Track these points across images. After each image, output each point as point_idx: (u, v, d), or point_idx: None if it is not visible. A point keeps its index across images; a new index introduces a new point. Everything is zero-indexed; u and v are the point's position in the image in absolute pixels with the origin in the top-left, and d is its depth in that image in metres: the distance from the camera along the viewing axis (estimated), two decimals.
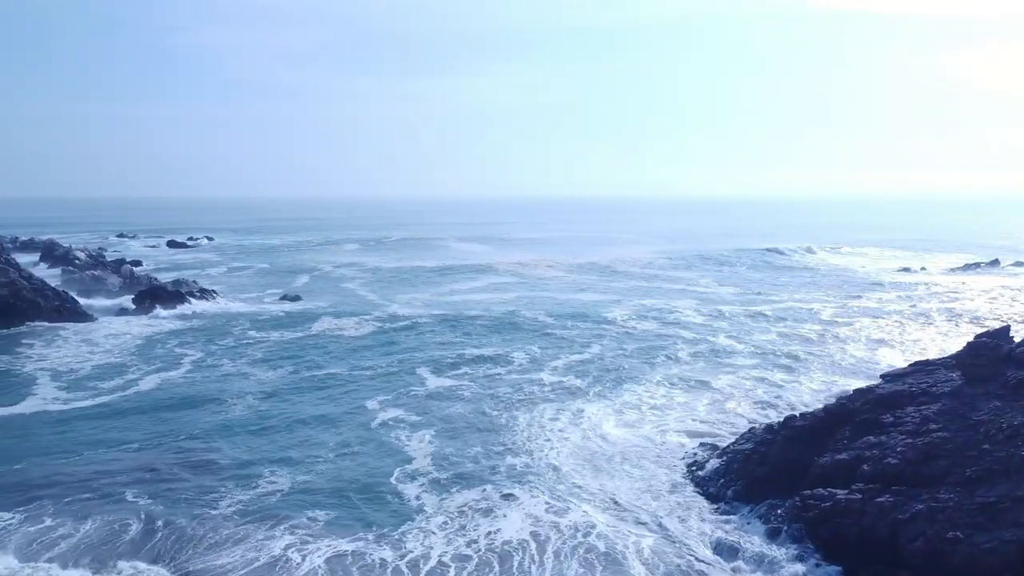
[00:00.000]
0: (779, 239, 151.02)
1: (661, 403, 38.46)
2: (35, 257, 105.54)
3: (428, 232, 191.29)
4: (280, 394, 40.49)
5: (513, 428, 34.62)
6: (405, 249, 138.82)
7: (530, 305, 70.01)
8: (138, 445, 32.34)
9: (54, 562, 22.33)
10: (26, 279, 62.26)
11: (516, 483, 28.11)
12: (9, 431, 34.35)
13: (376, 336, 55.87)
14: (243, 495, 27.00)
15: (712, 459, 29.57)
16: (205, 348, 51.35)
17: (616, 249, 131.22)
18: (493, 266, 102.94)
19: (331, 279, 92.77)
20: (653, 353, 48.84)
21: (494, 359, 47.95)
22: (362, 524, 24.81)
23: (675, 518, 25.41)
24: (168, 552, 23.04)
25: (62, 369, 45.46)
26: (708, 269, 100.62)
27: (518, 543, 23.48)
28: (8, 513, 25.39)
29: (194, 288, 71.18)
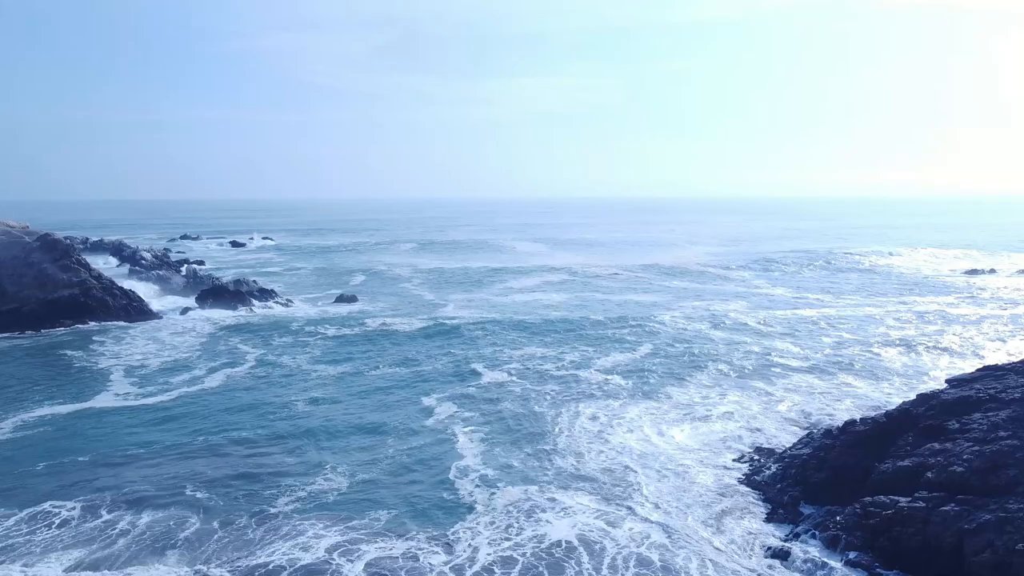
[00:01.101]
0: (836, 240, 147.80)
1: (713, 405, 37.96)
2: (105, 257, 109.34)
3: (485, 233, 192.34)
4: (340, 391, 41.41)
5: (563, 427, 34.66)
6: (461, 250, 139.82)
7: (582, 305, 69.99)
8: (203, 440, 33.33)
9: (106, 557, 22.89)
10: (96, 278, 64.64)
11: (566, 485, 28.12)
12: (80, 425, 35.73)
13: (431, 334, 56.48)
14: (302, 492, 27.52)
15: (769, 463, 29.12)
16: (266, 346, 52.64)
17: (670, 251, 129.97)
18: (547, 267, 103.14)
19: (387, 279, 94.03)
20: (705, 355, 48.27)
21: (546, 358, 48.15)
22: (414, 526, 25.00)
23: (731, 524, 25.08)
24: (217, 550, 23.28)
25: (133, 365, 47.16)
26: (763, 271, 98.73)
27: (567, 547, 23.36)
28: (70, 503, 26.37)
29: (254, 288, 72.91)
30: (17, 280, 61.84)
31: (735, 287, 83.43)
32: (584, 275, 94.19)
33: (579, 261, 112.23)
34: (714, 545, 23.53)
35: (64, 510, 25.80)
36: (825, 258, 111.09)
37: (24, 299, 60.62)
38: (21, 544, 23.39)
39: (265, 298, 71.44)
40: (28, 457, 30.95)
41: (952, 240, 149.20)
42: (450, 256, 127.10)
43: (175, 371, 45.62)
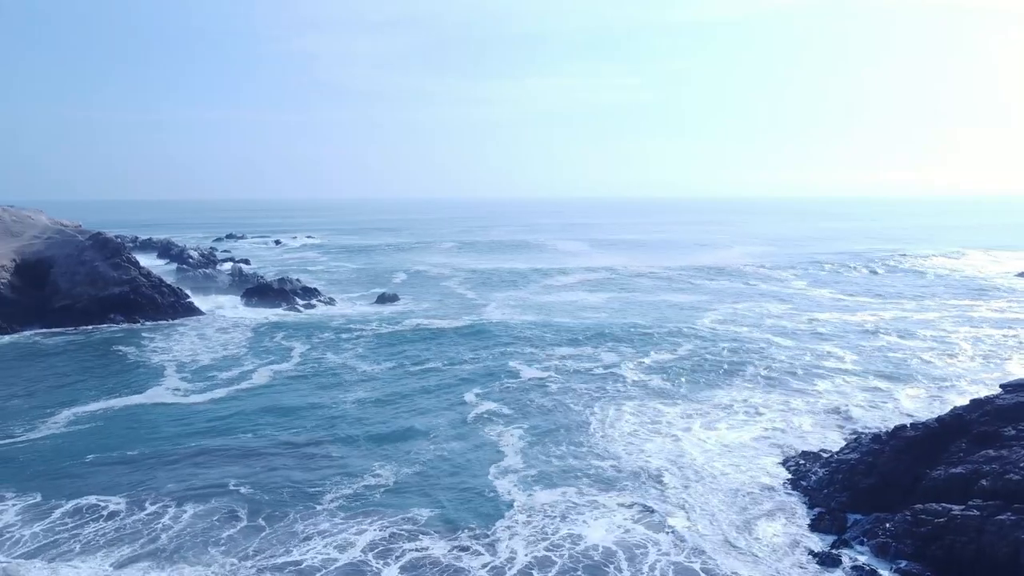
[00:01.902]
0: (879, 242, 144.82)
1: (755, 408, 37.48)
2: (153, 256, 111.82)
3: (520, 233, 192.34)
4: (383, 387, 41.92)
5: (601, 428, 34.59)
6: (499, 249, 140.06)
7: (622, 306, 69.63)
8: (251, 436, 33.96)
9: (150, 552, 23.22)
10: (145, 276, 66.15)
11: (603, 486, 28.01)
12: (131, 419, 36.63)
13: (471, 333, 56.68)
14: (347, 490, 27.81)
15: (814, 468, 28.62)
16: (310, 344, 53.36)
17: (709, 252, 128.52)
18: (586, 268, 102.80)
19: (427, 278, 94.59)
20: (746, 357, 47.66)
21: (584, 357, 48.06)
22: (453, 524, 25.08)
23: (775, 529, 24.70)
24: (257, 547, 23.47)
25: (183, 361, 48.24)
26: (805, 273, 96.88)
27: (605, 551, 23.18)
28: (115, 497, 26.95)
29: (297, 286, 73.93)
30: (70, 278, 63.58)
31: (777, 289, 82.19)
32: (624, 275, 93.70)
33: (619, 261, 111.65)
34: (757, 551, 23.18)
35: (111, 504, 26.38)
36: (869, 260, 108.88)
37: (77, 296, 62.30)
38: (66, 538, 23.92)
39: (308, 296, 72.38)
40: (79, 450, 31.81)
41: (1002, 242, 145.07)
42: (490, 256, 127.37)
43: (223, 367, 46.49)
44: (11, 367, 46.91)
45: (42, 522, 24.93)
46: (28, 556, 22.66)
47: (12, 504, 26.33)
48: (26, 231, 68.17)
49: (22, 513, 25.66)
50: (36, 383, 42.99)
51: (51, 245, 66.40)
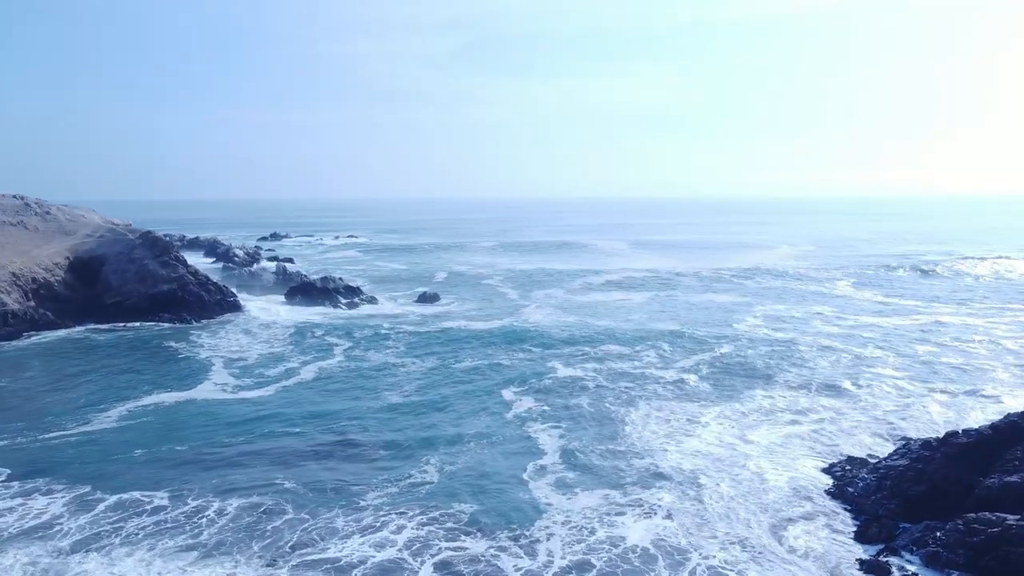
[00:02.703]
0: (924, 243, 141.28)
1: (798, 411, 36.75)
2: (200, 254, 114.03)
3: (559, 233, 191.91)
4: (424, 385, 42.20)
5: (639, 428, 34.31)
6: (538, 249, 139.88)
7: (661, 307, 69.05)
8: (297, 432, 34.37)
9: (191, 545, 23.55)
10: (192, 274, 67.47)
11: (642, 487, 27.71)
12: (181, 415, 37.33)
13: (511, 332, 56.70)
14: (390, 487, 27.96)
15: (861, 474, 27.95)
16: (353, 342, 53.87)
17: (750, 253, 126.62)
18: (625, 268, 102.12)
19: (468, 277, 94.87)
20: (789, 360, 46.80)
21: (624, 357, 47.75)
22: (492, 523, 25.01)
23: (820, 536, 24.13)
24: (298, 543, 23.56)
25: (230, 358, 49.12)
26: (848, 275, 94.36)
27: (643, 554, 22.87)
28: (160, 492, 27.36)
29: (340, 285, 74.72)
30: (121, 275, 65.15)
31: (819, 290, 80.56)
32: (663, 276, 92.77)
33: (657, 261, 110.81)
34: (800, 558, 22.64)
35: (156, 498, 26.79)
36: (914, 262, 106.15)
37: (127, 293, 63.83)
38: (108, 531, 24.33)
39: (351, 295, 73.11)
40: (128, 444, 32.49)
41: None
42: (530, 256, 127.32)
43: (268, 364, 47.22)
44: (65, 362, 48.21)
45: (88, 514, 25.46)
46: (72, 548, 23.14)
47: (61, 496, 26.96)
48: (79, 230, 70.05)
49: (69, 505, 26.26)
50: (89, 378, 44.10)
51: (103, 243, 68.12)
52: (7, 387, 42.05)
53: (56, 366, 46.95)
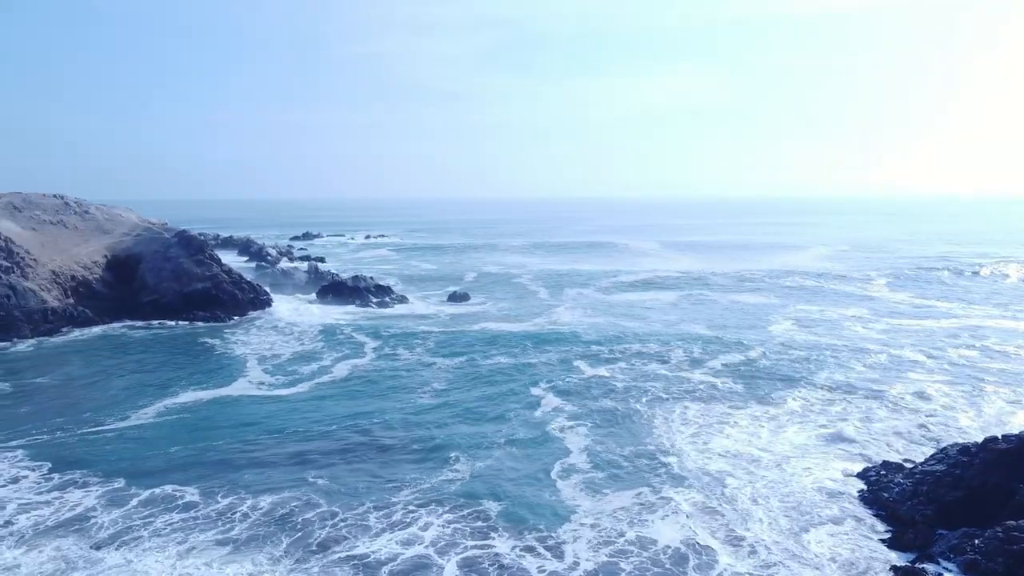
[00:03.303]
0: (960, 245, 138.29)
1: (831, 415, 36.09)
2: (234, 253, 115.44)
3: (590, 233, 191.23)
4: (454, 384, 42.40)
5: (667, 427, 34.12)
6: (569, 249, 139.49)
7: (692, 308, 68.48)
8: (331, 429, 34.65)
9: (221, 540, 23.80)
10: (226, 273, 68.35)
11: (671, 488, 27.47)
12: (217, 411, 37.83)
13: (541, 331, 56.69)
14: (422, 483, 28.12)
15: (896, 479, 27.40)
16: (383, 340, 54.17)
17: (783, 254, 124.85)
18: (656, 268, 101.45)
19: (498, 277, 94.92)
20: (821, 361, 46.07)
21: (652, 357, 47.43)
22: (519, 523, 24.94)
23: (854, 540, 23.69)
24: (327, 539, 23.72)
25: (264, 355, 49.72)
26: (883, 276, 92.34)
27: (674, 556, 22.62)
28: (192, 487, 27.69)
29: (371, 284, 75.17)
30: (157, 273, 66.20)
31: (852, 291, 79.25)
32: (695, 276, 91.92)
33: (690, 262, 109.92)
34: (833, 564, 22.21)
35: (187, 493, 27.11)
36: (950, 263, 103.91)
37: (163, 291, 64.85)
38: (139, 525, 24.66)
39: (382, 294, 73.52)
40: (165, 440, 32.96)
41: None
42: (561, 255, 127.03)
43: (301, 363, 47.67)
44: (104, 358, 49.11)
45: (120, 509, 25.85)
46: (104, 541, 23.51)
47: (95, 490, 27.42)
48: (117, 229, 71.32)
49: (102, 498, 26.69)
50: (127, 375, 44.88)
51: (139, 242, 69.29)
52: (48, 383, 42.92)
53: (95, 363, 47.83)
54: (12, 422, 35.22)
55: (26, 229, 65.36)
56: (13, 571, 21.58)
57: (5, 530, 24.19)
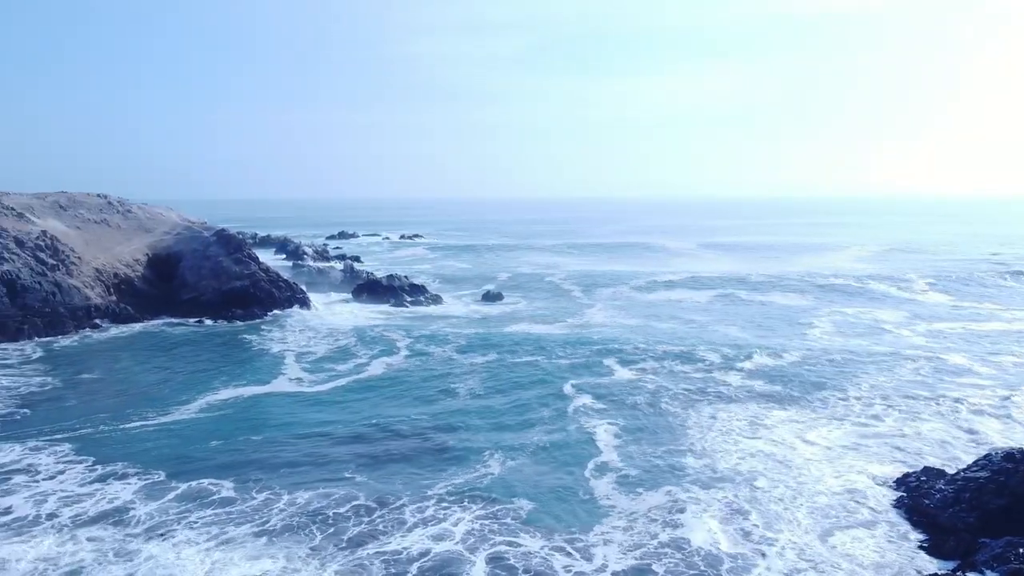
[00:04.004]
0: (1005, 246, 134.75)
1: (869, 419, 35.28)
2: (271, 252, 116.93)
3: (626, 233, 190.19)
4: (487, 381, 42.55)
5: (699, 427, 33.84)
6: (604, 250, 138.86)
7: (728, 309, 67.79)
8: (368, 425, 35.10)
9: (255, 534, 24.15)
10: (264, 271, 69.29)
11: (702, 489, 27.22)
12: (257, 407, 38.39)
13: (573, 331, 56.55)
14: (456, 479, 28.37)
15: (939, 485, 26.77)
16: (417, 338, 54.47)
17: (820, 255, 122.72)
18: (692, 269, 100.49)
19: (532, 277, 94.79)
20: (860, 365, 45.13)
21: (686, 359, 46.91)
22: (549, 521, 24.85)
23: (893, 548, 23.21)
24: (362, 535, 23.95)
25: (301, 352, 50.26)
26: (924, 277, 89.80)
27: (708, 559, 22.38)
28: (228, 481, 28.09)
29: (406, 283, 75.63)
30: (197, 271, 67.37)
31: (895, 294, 77.54)
32: (731, 278, 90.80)
33: (726, 263, 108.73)
34: (865, 569, 21.78)
35: (224, 488, 27.49)
36: (997, 266, 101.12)
37: (202, 289, 65.97)
38: (174, 519, 25.08)
39: (416, 293, 73.91)
40: (205, 435, 33.52)
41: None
42: (595, 255, 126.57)
43: (337, 360, 48.19)
44: (147, 354, 50.11)
45: (157, 502, 26.29)
46: (139, 533, 23.96)
47: (132, 483, 27.94)
48: (158, 227, 72.74)
49: (140, 491, 27.19)
50: (170, 370, 45.74)
51: (180, 240, 70.59)
52: (93, 378, 43.88)
53: (138, 359, 48.82)
54: (58, 416, 36.09)
55: (71, 228, 66.97)
56: (50, 562, 22.09)
57: (48, 522, 24.77)
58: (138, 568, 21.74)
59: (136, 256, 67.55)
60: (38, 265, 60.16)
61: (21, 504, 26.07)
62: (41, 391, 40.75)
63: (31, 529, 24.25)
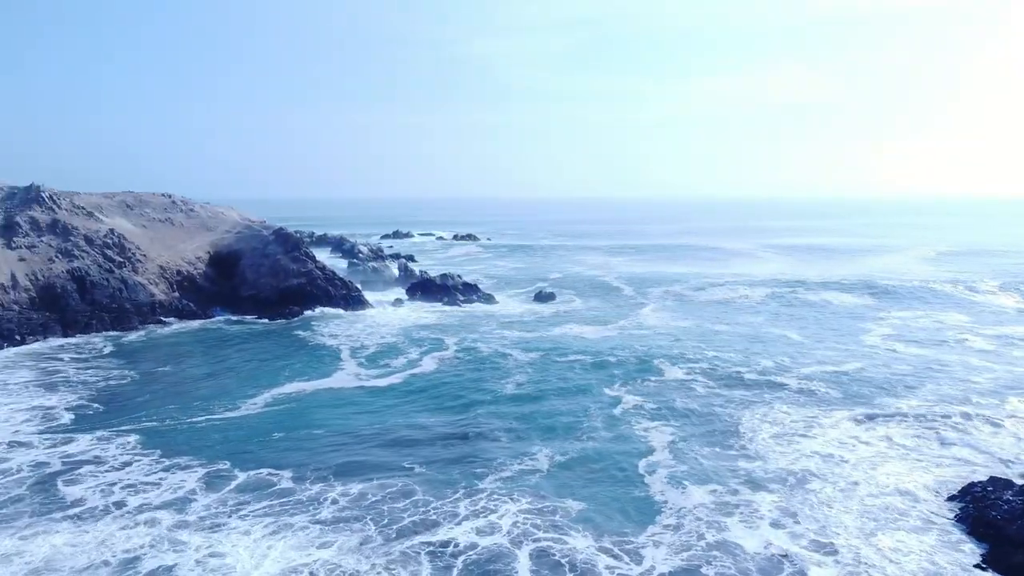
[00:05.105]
0: None
1: (934, 424, 34.36)
2: (327, 251, 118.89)
3: (682, 236, 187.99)
4: (538, 379, 42.79)
5: (751, 429, 33.57)
6: (658, 251, 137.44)
7: (783, 311, 66.40)
8: (421, 418, 35.99)
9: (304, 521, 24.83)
10: (320, 270, 70.58)
11: (754, 490, 27.01)
12: (319, 401, 39.56)
13: (625, 331, 56.34)
14: (507, 471, 28.84)
15: (1006, 496, 25.84)
16: (469, 335, 55.02)
17: (880, 257, 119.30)
18: (748, 273, 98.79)
19: (584, 278, 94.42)
20: (925, 370, 43.99)
21: (739, 361, 46.31)
22: (596, 520, 24.96)
23: (953, 561, 22.50)
24: (413, 525, 24.49)
25: (359, 348, 51.30)
26: (985, 279, 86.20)
27: (759, 564, 22.09)
28: (288, 472, 28.89)
29: (459, 282, 76.13)
30: (256, 269, 69.00)
31: (961, 297, 74.99)
32: (788, 280, 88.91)
33: (782, 265, 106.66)
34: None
35: (283, 478, 28.32)
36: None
37: (261, 286, 67.52)
38: (233, 508, 25.88)
39: (469, 292, 74.35)
40: (270, 428, 34.59)
41: None
42: (649, 256, 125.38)
43: (392, 356, 49.05)
44: (211, 349, 51.81)
45: (217, 492, 27.17)
46: (198, 521, 24.79)
47: (196, 473, 28.92)
48: (219, 226, 74.72)
49: (200, 482, 28.12)
50: (235, 365, 47.25)
51: (240, 239, 72.38)
52: (163, 371, 45.59)
53: (203, 353, 50.48)
54: (128, 409, 37.54)
55: (137, 226, 69.27)
56: (108, 546, 23.00)
57: (118, 510, 25.75)
58: (192, 555, 22.52)
59: (198, 254, 69.52)
60: (106, 262, 62.41)
61: (88, 493, 27.17)
62: (117, 384, 42.44)
63: (95, 516, 25.27)
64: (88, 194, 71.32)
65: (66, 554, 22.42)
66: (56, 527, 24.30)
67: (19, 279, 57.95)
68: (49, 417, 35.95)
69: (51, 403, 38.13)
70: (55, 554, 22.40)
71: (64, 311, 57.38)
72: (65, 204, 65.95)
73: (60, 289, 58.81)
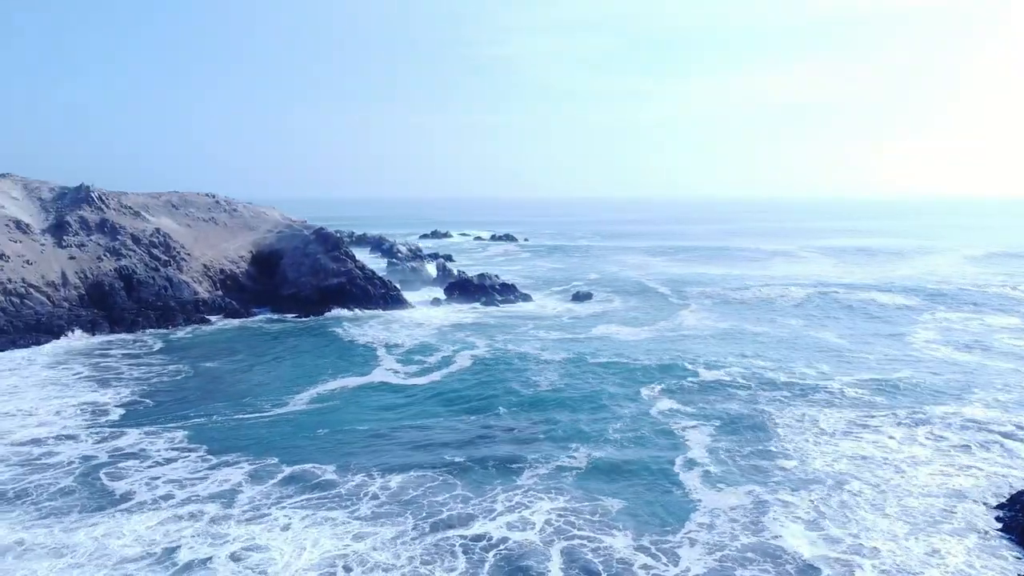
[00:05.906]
0: None
1: (980, 430, 33.59)
2: (367, 250, 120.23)
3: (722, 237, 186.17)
4: (575, 378, 42.98)
5: (790, 431, 33.36)
6: (697, 252, 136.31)
7: (824, 314, 65.41)
8: (461, 414, 36.76)
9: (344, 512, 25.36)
10: (360, 269, 71.42)
11: (791, 491, 26.86)
12: (362, 397, 40.39)
13: (662, 332, 56.16)
14: (543, 469, 29.17)
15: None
16: (507, 335, 55.43)
17: (921, 258, 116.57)
18: (789, 275, 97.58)
19: (621, 279, 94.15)
20: (969, 375, 43.05)
21: (779, 364, 45.81)
22: (633, 519, 25.05)
23: (996, 570, 22.07)
24: (449, 517, 25.02)
25: (398, 347, 51.96)
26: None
27: (791, 560, 21.99)
28: (331, 466, 29.52)
29: (496, 282, 76.43)
30: (296, 268, 70.11)
31: (1008, 299, 73.24)
32: (829, 282, 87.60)
33: (823, 267, 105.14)
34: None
35: (326, 472, 28.98)
36: None
37: (301, 285, 68.59)
38: (276, 500, 26.52)
39: (506, 292, 74.62)
40: (314, 424, 35.34)
41: None
42: (687, 256, 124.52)
43: (431, 353, 49.63)
44: (254, 347, 52.89)
45: (261, 486, 27.84)
46: (240, 514, 25.42)
47: (243, 467, 29.64)
48: (261, 225, 76.06)
49: (245, 476, 28.82)
50: (278, 363, 48.40)
51: (281, 238, 73.61)
52: (212, 367, 46.73)
53: (249, 351, 51.52)
54: (176, 405, 38.61)
55: (181, 225, 70.86)
56: (152, 538, 23.70)
57: (165, 503, 26.51)
58: (232, 545, 23.11)
59: (241, 253, 70.87)
60: (152, 261, 63.98)
61: (135, 486, 27.97)
62: (168, 380, 43.65)
63: (142, 508, 26.03)
64: (135, 194, 73.14)
65: (112, 546, 23.08)
66: (102, 519, 25.06)
67: (69, 277, 59.70)
68: (99, 411, 37.09)
69: (103, 399, 39.31)
70: (98, 547, 23.03)
71: (112, 308, 58.97)
72: (113, 204, 67.74)
73: (108, 287, 60.45)
